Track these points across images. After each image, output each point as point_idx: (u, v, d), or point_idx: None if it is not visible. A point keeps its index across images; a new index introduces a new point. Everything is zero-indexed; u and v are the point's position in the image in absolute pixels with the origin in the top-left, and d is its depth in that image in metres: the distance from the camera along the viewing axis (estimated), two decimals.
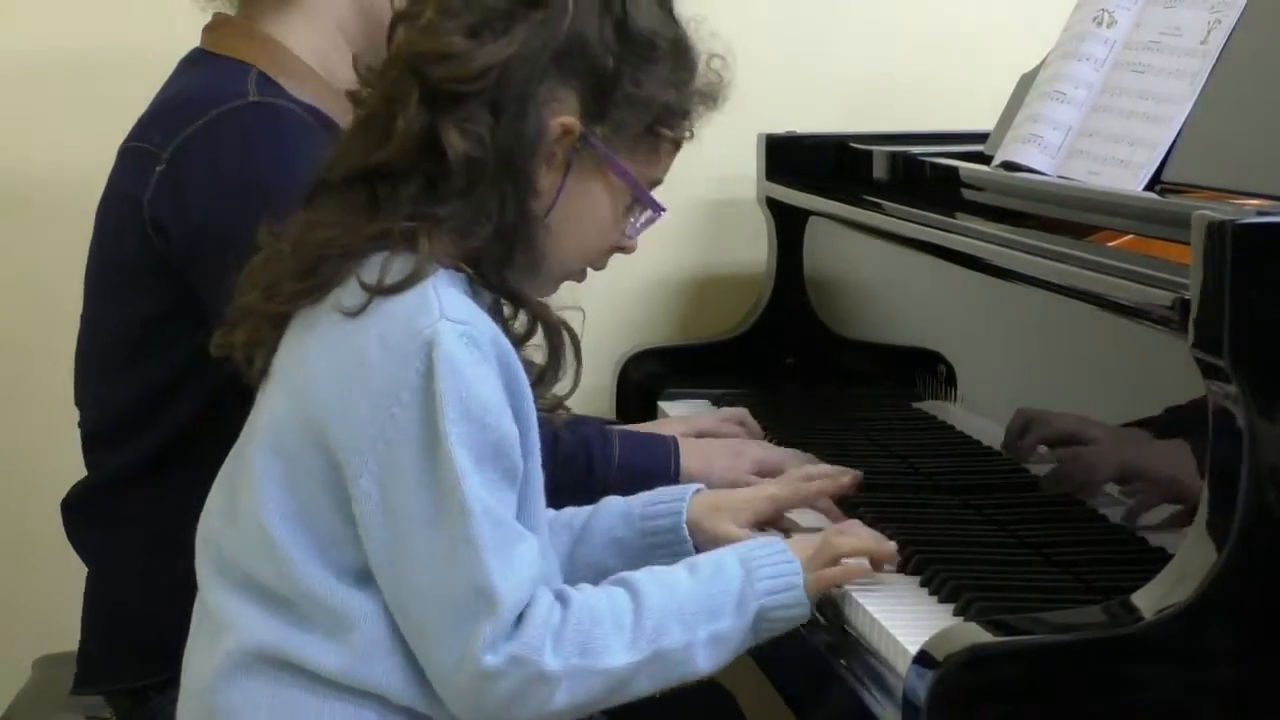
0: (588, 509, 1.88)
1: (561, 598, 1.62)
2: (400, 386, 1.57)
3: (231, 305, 1.69)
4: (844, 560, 1.74)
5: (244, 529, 1.65)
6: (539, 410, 1.68)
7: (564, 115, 1.65)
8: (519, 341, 1.67)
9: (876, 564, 1.78)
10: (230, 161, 1.95)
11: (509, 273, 1.65)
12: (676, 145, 1.73)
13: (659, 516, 1.86)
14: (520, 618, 1.58)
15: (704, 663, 1.65)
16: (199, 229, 1.96)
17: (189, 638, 1.72)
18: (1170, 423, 1.68)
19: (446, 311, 1.58)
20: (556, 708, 1.60)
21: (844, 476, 1.99)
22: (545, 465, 1.96)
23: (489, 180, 1.62)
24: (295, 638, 1.62)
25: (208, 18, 2.15)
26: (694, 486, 1.90)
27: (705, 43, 1.75)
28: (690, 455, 2.15)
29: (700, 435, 2.27)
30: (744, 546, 1.72)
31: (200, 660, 1.68)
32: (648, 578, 1.66)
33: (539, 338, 1.69)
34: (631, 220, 1.73)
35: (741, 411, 2.35)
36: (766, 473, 2.12)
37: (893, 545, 1.79)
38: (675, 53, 1.71)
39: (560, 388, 1.71)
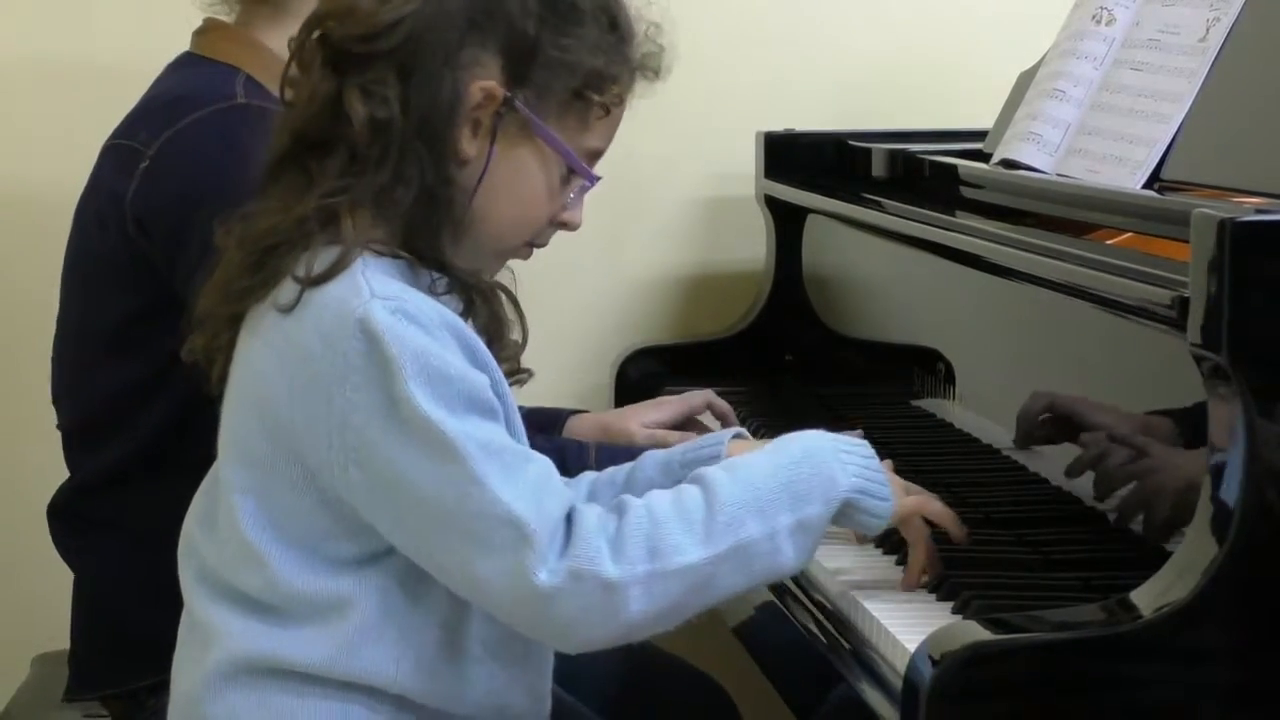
0: (627, 465, 1.84)
1: (617, 506, 1.58)
2: (347, 371, 1.55)
3: (196, 311, 1.68)
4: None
5: (224, 540, 1.65)
6: (503, 370, 1.64)
7: (485, 80, 1.63)
8: (465, 310, 1.64)
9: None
10: (213, 161, 1.94)
11: (438, 243, 1.63)
12: (607, 111, 1.69)
13: (699, 463, 1.78)
14: (570, 533, 1.54)
15: (791, 552, 1.60)
16: (179, 228, 1.95)
17: (177, 648, 1.71)
18: (1169, 421, 1.68)
19: (376, 290, 1.56)
20: (634, 616, 1.55)
21: None
22: None
23: (400, 145, 1.60)
24: (280, 638, 1.61)
25: (195, 23, 2.14)
26: (732, 430, 1.87)
27: (643, 11, 1.72)
28: None
29: (670, 422, 2.25)
30: (837, 436, 1.69)
31: (188, 671, 1.68)
32: (721, 470, 1.62)
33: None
34: (569, 192, 1.71)
35: (707, 393, 2.32)
36: None
37: (964, 530, 1.78)
38: (601, 17, 1.68)
39: (513, 358, 1.68)
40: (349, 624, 1.60)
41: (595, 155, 1.72)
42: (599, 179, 1.72)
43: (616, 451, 2.12)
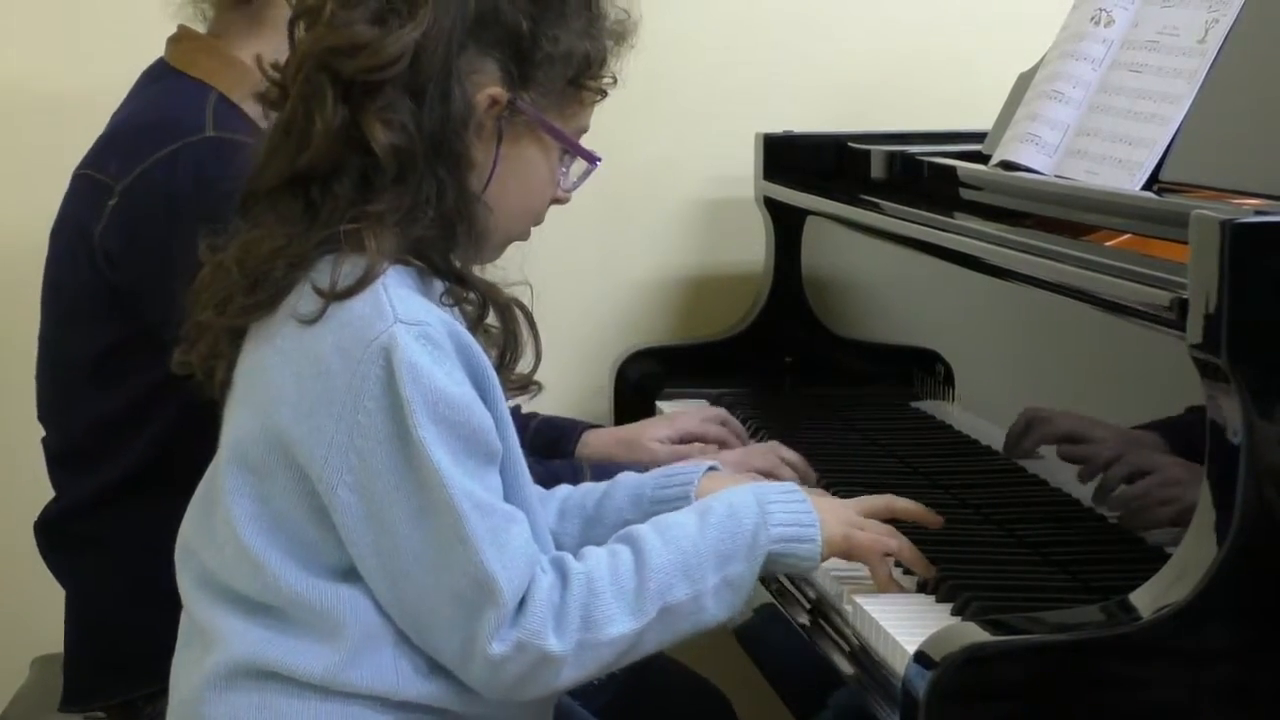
0: (601, 488, 1.86)
1: (561, 571, 1.62)
2: (362, 395, 1.56)
3: (187, 323, 1.68)
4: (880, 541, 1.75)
5: (221, 543, 1.65)
6: (509, 392, 1.67)
7: (489, 87, 1.64)
8: (475, 321, 1.66)
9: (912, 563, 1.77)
10: (184, 199, 1.92)
11: (455, 254, 1.64)
12: (604, 94, 1.73)
13: (668, 501, 1.83)
14: (522, 602, 1.58)
15: (715, 609, 1.65)
16: (152, 265, 1.93)
17: (176, 650, 1.71)
18: (1168, 422, 1.68)
19: (400, 314, 1.57)
20: (565, 681, 1.62)
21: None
22: None
23: (421, 166, 1.61)
24: (282, 645, 1.62)
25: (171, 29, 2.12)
26: (706, 464, 1.88)
27: None
28: None
29: (683, 439, 2.26)
30: (760, 486, 1.72)
31: (187, 673, 1.68)
32: (653, 534, 1.65)
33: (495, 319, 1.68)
34: (562, 169, 1.73)
35: (721, 412, 2.34)
36: None
37: (939, 519, 1.81)
38: (583, 1, 1.70)
39: (523, 365, 1.70)
40: (347, 636, 1.60)
41: (584, 131, 1.74)
42: (601, 159, 1.74)
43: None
